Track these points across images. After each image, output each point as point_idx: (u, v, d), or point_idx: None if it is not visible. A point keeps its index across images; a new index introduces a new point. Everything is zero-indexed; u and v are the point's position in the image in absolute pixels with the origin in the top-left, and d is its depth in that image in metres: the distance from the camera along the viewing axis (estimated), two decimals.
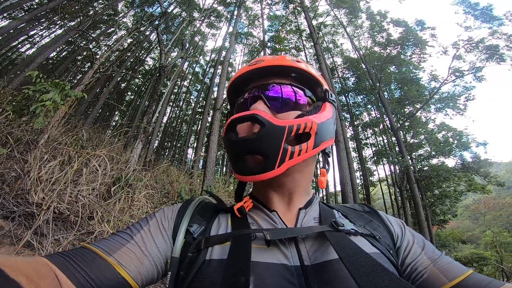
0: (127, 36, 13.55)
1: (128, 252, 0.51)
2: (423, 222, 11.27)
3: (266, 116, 0.55)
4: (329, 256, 0.52)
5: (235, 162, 0.59)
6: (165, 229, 0.59)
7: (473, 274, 0.51)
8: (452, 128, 16.02)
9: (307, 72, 0.66)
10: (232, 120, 0.57)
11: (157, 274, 0.54)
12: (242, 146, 0.56)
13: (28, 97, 4.12)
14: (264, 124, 0.54)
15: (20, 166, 3.20)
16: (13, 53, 17.88)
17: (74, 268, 0.44)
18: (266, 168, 0.55)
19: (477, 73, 14.18)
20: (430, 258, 0.56)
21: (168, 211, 0.64)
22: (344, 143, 9.99)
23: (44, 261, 0.42)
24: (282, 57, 0.67)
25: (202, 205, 0.68)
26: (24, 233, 2.47)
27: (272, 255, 0.51)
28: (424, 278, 0.53)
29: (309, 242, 0.55)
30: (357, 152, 19.45)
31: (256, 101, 0.61)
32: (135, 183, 4.53)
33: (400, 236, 0.62)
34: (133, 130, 8.15)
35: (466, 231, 32.91)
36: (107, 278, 0.46)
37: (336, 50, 23.01)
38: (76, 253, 0.47)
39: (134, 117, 16.85)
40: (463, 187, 14.70)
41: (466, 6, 15.26)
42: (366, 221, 0.64)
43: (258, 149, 0.55)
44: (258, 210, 0.64)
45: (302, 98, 0.65)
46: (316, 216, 0.64)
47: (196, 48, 22.99)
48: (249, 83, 0.68)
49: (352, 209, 0.71)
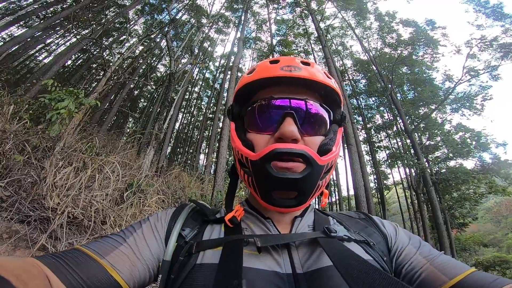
0: (138, 43, 13.89)
1: (120, 254, 0.51)
2: (441, 226, 10.90)
3: (312, 154, 0.53)
4: (321, 263, 0.52)
5: (267, 193, 0.56)
6: (158, 232, 0.59)
7: (476, 272, 0.49)
8: (469, 129, 15.47)
9: (336, 92, 0.62)
10: (276, 151, 0.52)
11: (149, 277, 0.54)
12: (284, 184, 0.53)
13: (44, 105, 4.26)
14: (312, 165, 0.52)
15: (37, 173, 3.28)
16: (31, 61, 18.56)
17: (65, 269, 0.44)
18: (300, 203, 0.56)
19: (493, 72, 13.75)
20: (426, 258, 0.55)
21: (162, 214, 0.64)
22: (356, 146, 9.84)
23: (35, 262, 0.42)
24: (315, 69, 0.60)
25: (196, 209, 0.68)
26: (39, 237, 2.52)
27: (263, 262, 0.51)
28: (422, 278, 0.52)
29: (302, 249, 0.56)
30: (371, 155, 19.07)
31: (285, 118, 0.56)
32: (146, 188, 4.57)
33: (393, 237, 0.63)
34: (146, 137, 8.29)
35: (488, 234, 31.68)
36: (99, 280, 0.46)
37: (345, 52, 22.90)
38: (68, 254, 0.47)
39: (147, 123, 17.20)
40: (483, 189, 14.16)
41: (476, 4, 14.91)
42: (361, 228, 0.65)
43: (301, 188, 0.54)
44: (253, 216, 0.64)
45: (328, 121, 0.62)
46: (310, 223, 0.64)
47: (205, 54, 23.33)
48: (273, 85, 0.61)
49: (347, 216, 0.72)
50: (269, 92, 0.60)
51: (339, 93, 0.62)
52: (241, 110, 0.66)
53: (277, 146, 0.52)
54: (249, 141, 0.60)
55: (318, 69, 0.61)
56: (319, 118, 0.60)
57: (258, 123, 0.60)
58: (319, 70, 0.61)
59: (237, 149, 0.60)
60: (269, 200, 0.56)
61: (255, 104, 0.61)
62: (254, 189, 0.58)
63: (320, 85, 0.59)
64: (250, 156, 0.56)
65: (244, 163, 0.59)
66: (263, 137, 0.58)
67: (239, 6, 19.03)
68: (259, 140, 0.58)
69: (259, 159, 0.54)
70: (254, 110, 0.61)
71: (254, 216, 0.64)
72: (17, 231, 2.51)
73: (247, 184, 0.60)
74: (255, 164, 0.55)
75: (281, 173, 0.52)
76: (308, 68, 0.59)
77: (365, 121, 19.98)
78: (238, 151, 0.60)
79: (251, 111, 0.62)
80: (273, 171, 0.52)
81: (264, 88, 0.62)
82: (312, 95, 0.61)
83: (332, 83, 0.60)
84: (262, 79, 0.59)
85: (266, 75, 0.59)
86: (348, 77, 21.06)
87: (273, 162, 0.53)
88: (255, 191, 0.58)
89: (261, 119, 0.60)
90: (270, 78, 0.58)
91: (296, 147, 0.52)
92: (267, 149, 0.53)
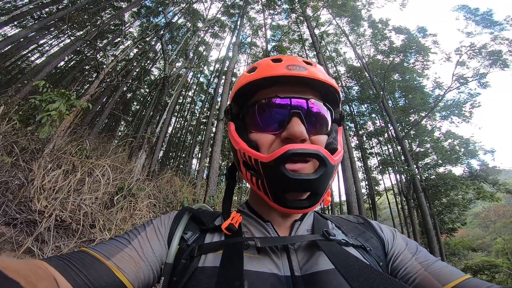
0: (132, 46, 13.85)
1: (126, 256, 0.52)
2: (431, 231, 11.04)
3: (326, 154, 0.52)
4: (319, 267, 0.52)
5: (281, 195, 0.53)
6: (162, 234, 0.59)
7: (470, 279, 0.49)
8: (458, 136, 15.81)
9: (337, 91, 0.62)
10: (291, 152, 0.50)
11: (153, 278, 0.55)
12: (299, 185, 0.51)
13: (34, 106, 4.21)
14: (326, 165, 0.51)
15: (25, 175, 3.23)
16: (23, 62, 18.23)
17: (72, 270, 0.44)
18: (312, 204, 0.54)
19: (482, 79, 14.02)
20: (422, 263, 0.55)
21: (164, 217, 0.65)
22: (348, 153, 9.93)
23: (42, 263, 0.42)
24: (319, 68, 0.61)
25: (199, 212, 0.68)
26: (25, 240, 2.48)
27: (263, 264, 0.52)
28: (416, 283, 0.52)
29: (300, 252, 0.56)
30: (362, 161, 19.25)
31: (292, 118, 0.55)
32: (137, 192, 4.54)
33: (391, 242, 0.64)
34: (138, 140, 8.22)
35: (476, 239, 32.13)
36: (106, 281, 0.46)
37: (339, 59, 23.19)
38: (75, 256, 0.48)
39: (139, 127, 17.02)
40: (471, 195, 14.45)
41: (466, 12, 15.22)
42: (359, 233, 0.65)
43: (315, 188, 0.53)
44: (253, 220, 0.65)
45: (330, 121, 0.62)
46: (309, 227, 0.64)
47: (200, 58, 23.35)
48: (275, 84, 0.59)
49: (346, 220, 0.72)
50: (272, 91, 0.58)
51: (339, 92, 0.63)
52: (241, 110, 0.64)
53: (292, 147, 0.50)
54: (253, 142, 0.58)
55: (320, 69, 0.61)
56: (323, 117, 0.60)
57: (262, 122, 0.58)
58: (321, 70, 0.61)
59: (242, 150, 0.57)
60: (282, 202, 0.53)
61: (259, 103, 0.59)
62: (265, 192, 0.55)
63: (323, 84, 0.58)
64: (261, 158, 0.53)
65: (252, 165, 0.56)
66: (268, 137, 0.57)
67: (235, 11, 19.17)
68: (264, 140, 0.57)
69: (272, 161, 0.51)
70: (258, 109, 0.59)
71: (254, 219, 0.64)
72: (2, 233, 2.47)
73: (255, 187, 0.57)
74: (267, 166, 0.52)
75: (297, 174, 0.50)
76: (311, 68, 0.58)
77: (357, 128, 20.16)
78: (245, 153, 0.57)
79: (253, 111, 0.60)
80: (289, 173, 0.50)
81: (267, 87, 0.59)
82: (315, 94, 0.60)
83: (334, 82, 0.60)
84: (267, 77, 0.57)
85: (270, 74, 0.57)
86: (341, 84, 21.30)
87: (288, 163, 0.51)
88: (265, 194, 0.55)
89: (265, 118, 0.58)
90: (275, 77, 0.56)
91: (310, 147, 0.51)
92: (281, 150, 0.50)
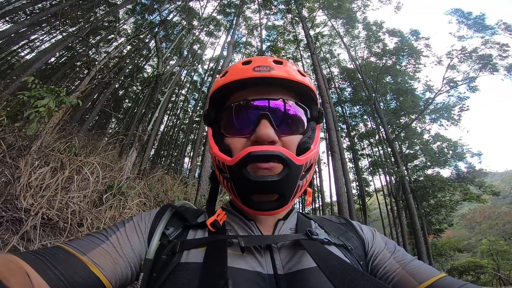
0: (126, 43, 13.66)
1: (103, 252, 0.51)
2: (418, 232, 11.28)
3: (289, 155, 0.52)
4: (302, 265, 0.53)
5: (247, 197, 0.55)
6: (142, 231, 0.58)
7: (445, 277, 0.51)
8: (447, 139, 16.19)
9: (311, 90, 0.62)
10: (251, 155, 0.50)
11: (131, 275, 0.54)
12: (262, 187, 0.52)
13: (22, 102, 4.13)
14: (289, 166, 0.51)
15: (11, 172, 3.18)
16: (12, 57, 17.84)
17: (46, 265, 0.43)
18: (281, 205, 0.55)
19: (471, 83, 14.38)
20: (400, 262, 0.57)
21: (145, 214, 0.64)
22: (339, 154, 10.03)
23: (15, 258, 0.42)
24: (289, 67, 0.60)
25: (182, 210, 0.68)
26: (10, 238, 2.44)
27: (247, 262, 0.52)
28: (395, 282, 0.54)
29: (284, 251, 0.56)
30: (353, 162, 19.48)
31: (260, 120, 0.55)
32: (127, 191, 4.50)
33: (370, 241, 0.65)
34: (129, 138, 8.13)
35: (462, 240, 32.86)
36: (81, 277, 0.45)
37: (333, 60, 23.37)
38: (49, 251, 0.46)
39: (130, 124, 16.83)
40: (458, 196, 14.81)
41: (459, 15, 15.61)
42: (340, 232, 0.66)
43: (279, 190, 0.53)
44: (237, 218, 0.65)
45: (305, 120, 0.62)
46: (293, 226, 0.65)
47: (195, 56, 23.20)
48: (247, 86, 0.59)
49: (329, 220, 0.73)
50: (243, 94, 0.59)
51: (313, 90, 0.62)
52: (217, 115, 0.65)
53: (252, 150, 0.51)
54: (226, 146, 0.59)
55: (291, 67, 0.60)
56: (296, 117, 0.59)
57: (234, 126, 0.59)
58: (293, 68, 0.60)
59: (214, 155, 0.59)
60: (249, 204, 0.55)
61: (229, 108, 0.60)
62: (234, 194, 0.57)
63: (295, 83, 0.58)
64: (226, 161, 0.55)
65: (222, 169, 0.57)
66: (240, 140, 0.57)
67: (231, 10, 19.06)
68: (236, 144, 0.57)
69: (235, 164, 0.52)
70: (228, 113, 0.60)
71: (238, 217, 0.64)
72: None
73: (227, 189, 0.59)
74: (232, 169, 0.54)
75: (259, 177, 0.51)
76: (281, 67, 0.58)
77: (349, 129, 20.41)
78: (215, 157, 0.58)
79: (226, 115, 0.61)
80: (250, 175, 0.50)
81: (238, 91, 0.60)
82: (288, 94, 0.60)
83: (306, 81, 0.60)
84: (235, 81, 0.58)
85: (238, 77, 0.57)
86: (334, 85, 21.50)
87: (250, 165, 0.52)
88: (235, 196, 0.57)
89: (236, 122, 0.59)
90: (243, 79, 0.57)
91: (271, 148, 0.51)
92: (242, 153, 0.51)
